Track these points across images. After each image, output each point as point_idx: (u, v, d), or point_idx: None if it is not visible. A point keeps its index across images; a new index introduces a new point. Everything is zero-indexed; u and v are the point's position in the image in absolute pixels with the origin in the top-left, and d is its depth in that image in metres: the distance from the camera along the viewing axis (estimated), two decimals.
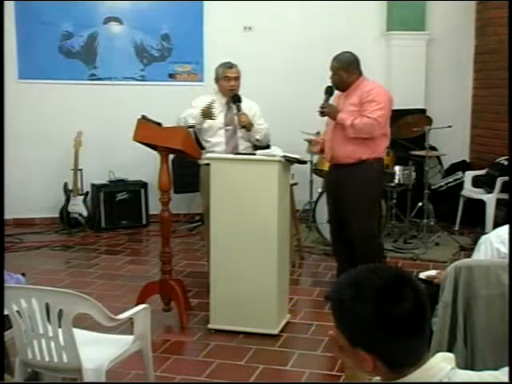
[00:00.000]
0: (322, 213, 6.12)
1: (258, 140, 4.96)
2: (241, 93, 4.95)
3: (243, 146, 4.92)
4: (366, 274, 1.51)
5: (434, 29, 7.43)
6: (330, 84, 4.73)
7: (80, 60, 7.11)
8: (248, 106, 4.96)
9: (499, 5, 6.99)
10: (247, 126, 4.83)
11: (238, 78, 4.90)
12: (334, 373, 3.70)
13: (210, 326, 4.26)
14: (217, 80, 4.95)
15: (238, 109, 4.84)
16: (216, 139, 4.87)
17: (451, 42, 7.49)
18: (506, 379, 1.55)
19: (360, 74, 4.69)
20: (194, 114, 4.79)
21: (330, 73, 4.70)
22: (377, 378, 1.59)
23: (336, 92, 4.80)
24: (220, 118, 4.86)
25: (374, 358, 1.48)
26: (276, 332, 4.17)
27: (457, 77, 7.53)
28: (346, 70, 4.64)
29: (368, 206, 4.76)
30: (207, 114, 4.71)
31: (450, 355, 1.54)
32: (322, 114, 4.66)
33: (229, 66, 4.90)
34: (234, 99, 4.86)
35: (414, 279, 1.52)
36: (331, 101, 4.76)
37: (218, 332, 4.20)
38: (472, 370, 1.61)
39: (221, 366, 3.77)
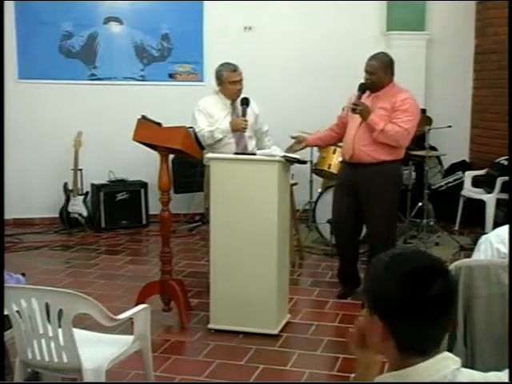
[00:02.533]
0: (322, 213, 6.13)
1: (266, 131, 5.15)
2: (242, 93, 4.95)
3: (251, 146, 4.94)
4: (406, 253, 1.55)
5: (433, 29, 7.43)
6: (363, 81, 4.65)
7: (80, 60, 7.10)
8: (251, 106, 4.96)
9: (499, 5, 6.99)
10: (240, 131, 4.84)
11: (242, 80, 4.90)
12: (333, 373, 3.70)
13: (209, 326, 4.26)
14: (220, 83, 4.91)
15: (243, 113, 4.83)
16: (225, 141, 4.85)
17: (451, 42, 7.49)
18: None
19: (393, 77, 4.68)
20: (224, 129, 4.79)
21: (364, 73, 4.63)
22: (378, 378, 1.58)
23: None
24: (226, 120, 4.85)
25: (385, 330, 1.49)
26: (276, 332, 4.17)
27: (457, 77, 7.53)
28: (384, 71, 4.60)
29: (394, 206, 4.83)
30: (240, 129, 4.78)
31: (457, 358, 1.54)
32: (354, 111, 4.57)
33: (233, 69, 4.87)
34: (243, 102, 4.85)
35: (452, 275, 1.54)
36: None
37: (218, 332, 4.20)
38: (472, 369, 1.61)
39: (221, 366, 3.77)
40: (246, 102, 4.84)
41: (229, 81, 4.84)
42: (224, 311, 4.21)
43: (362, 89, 4.61)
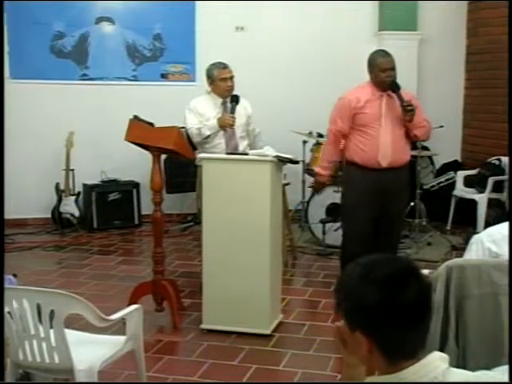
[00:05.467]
0: (315, 213, 6.13)
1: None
2: (234, 92, 4.95)
3: (243, 146, 4.93)
4: (378, 259, 1.55)
5: (425, 29, 7.45)
6: (392, 80, 4.52)
7: (72, 60, 7.09)
8: (244, 105, 4.96)
9: (491, 5, 7.02)
10: (227, 128, 4.80)
11: (233, 78, 4.90)
12: (326, 372, 3.70)
13: (202, 326, 4.25)
14: (211, 82, 4.91)
15: (232, 110, 4.81)
16: (216, 141, 4.85)
17: (443, 42, 7.50)
18: (502, 379, 1.55)
19: None
20: (210, 125, 4.77)
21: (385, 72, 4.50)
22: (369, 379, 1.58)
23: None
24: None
25: (370, 343, 1.48)
26: (269, 332, 4.17)
27: (449, 77, 7.55)
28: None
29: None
30: (227, 125, 4.74)
31: (445, 356, 1.54)
32: (410, 111, 4.40)
33: (223, 66, 4.88)
34: (233, 99, 4.84)
35: (423, 273, 1.54)
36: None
37: (211, 332, 4.20)
38: (464, 369, 1.61)
39: (213, 366, 3.77)
40: (235, 100, 4.83)
41: (219, 78, 4.85)
42: (216, 311, 4.21)
43: (399, 87, 4.49)
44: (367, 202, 4.52)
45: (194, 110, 4.87)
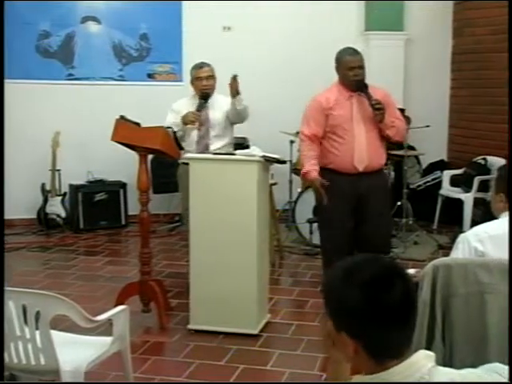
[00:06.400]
0: (302, 212, 6.14)
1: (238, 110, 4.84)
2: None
3: (215, 145, 4.87)
4: (361, 261, 1.54)
5: (412, 29, 7.48)
6: (356, 79, 4.27)
7: (57, 60, 7.05)
8: (220, 104, 4.92)
9: (476, 5, 7.06)
10: (189, 124, 4.76)
11: (210, 77, 4.89)
12: (314, 372, 3.71)
13: (189, 326, 4.24)
14: (191, 82, 4.95)
15: (199, 107, 4.77)
16: (188, 139, 4.88)
17: (429, 42, 7.54)
18: (488, 378, 1.55)
19: None
20: (176, 122, 4.77)
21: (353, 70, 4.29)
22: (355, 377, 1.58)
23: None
24: None
25: (356, 344, 1.48)
26: (256, 332, 4.17)
27: (435, 77, 7.59)
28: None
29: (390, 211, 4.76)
30: (187, 121, 4.73)
31: (431, 353, 1.54)
32: (379, 110, 4.17)
33: (200, 66, 4.90)
34: (201, 96, 4.83)
35: (407, 273, 1.54)
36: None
37: (198, 332, 4.19)
38: (451, 368, 1.62)
39: (201, 367, 3.76)
40: (204, 97, 4.82)
41: (195, 77, 4.89)
42: (204, 311, 4.20)
43: (365, 86, 4.26)
44: (346, 204, 4.36)
45: (175, 109, 4.91)
